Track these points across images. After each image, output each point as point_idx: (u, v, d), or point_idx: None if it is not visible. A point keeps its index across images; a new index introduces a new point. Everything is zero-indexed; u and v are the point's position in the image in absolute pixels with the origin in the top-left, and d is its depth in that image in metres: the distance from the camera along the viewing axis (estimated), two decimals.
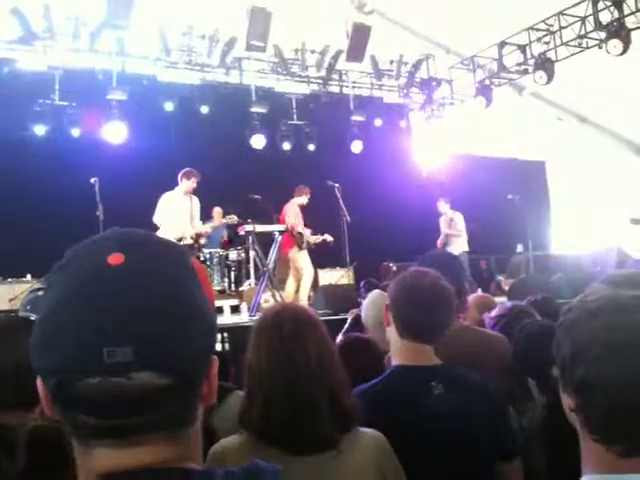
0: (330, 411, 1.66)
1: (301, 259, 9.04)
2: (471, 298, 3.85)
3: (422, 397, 1.95)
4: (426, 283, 2.07)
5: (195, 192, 8.22)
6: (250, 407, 1.70)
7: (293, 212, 9.05)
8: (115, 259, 0.74)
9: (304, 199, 9.19)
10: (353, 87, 12.96)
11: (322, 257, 9.75)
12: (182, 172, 8.08)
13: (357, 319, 3.94)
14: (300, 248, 9.02)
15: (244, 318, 6.99)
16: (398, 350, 2.11)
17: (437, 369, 2.05)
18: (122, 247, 0.76)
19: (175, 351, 0.73)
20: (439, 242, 10.87)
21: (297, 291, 9.26)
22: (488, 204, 11.51)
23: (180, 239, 8.02)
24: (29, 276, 8.47)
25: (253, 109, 11.44)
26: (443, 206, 10.93)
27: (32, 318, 2.29)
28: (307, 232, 9.09)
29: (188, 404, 0.78)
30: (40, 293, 2.91)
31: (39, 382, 0.76)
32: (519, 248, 11.71)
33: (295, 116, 12.22)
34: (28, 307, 3.02)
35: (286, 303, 1.75)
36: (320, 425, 1.64)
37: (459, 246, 10.70)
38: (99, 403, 0.71)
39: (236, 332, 5.39)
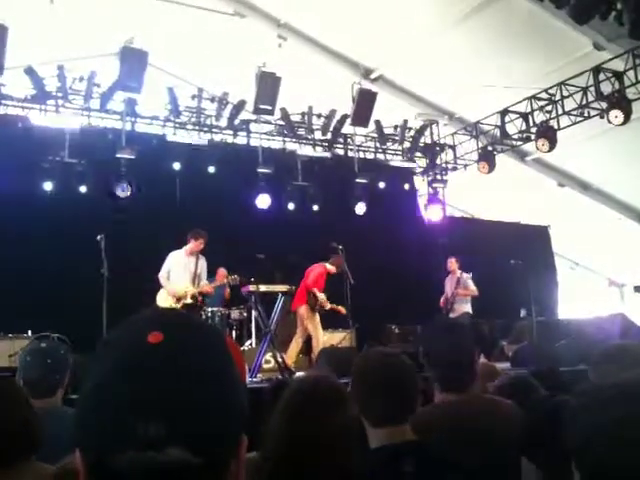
0: None
1: (314, 321, 9.14)
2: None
3: (392, 477, 1.90)
4: (379, 367, 2.07)
5: (203, 252, 8.33)
6: (264, 464, 1.71)
7: (315, 275, 9.21)
8: (155, 337, 0.78)
9: (333, 269, 9.33)
10: (358, 150, 13.17)
11: (324, 319, 9.71)
12: (191, 232, 8.26)
13: None
14: (312, 310, 9.09)
15: (245, 380, 6.90)
16: (372, 434, 2.06)
17: (409, 446, 1.98)
18: (162, 326, 0.80)
19: (208, 430, 0.75)
20: (443, 302, 10.79)
21: (301, 352, 9.26)
22: (491, 268, 11.50)
23: (180, 298, 8.11)
24: (30, 332, 8.41)
25: (259, 170, 11.61)
26: (454, 264, 10.85)
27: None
28: (322, 296, 9.18)
29: None
30: (42, 345, 2.93)
31: (77, 455, 0.78)
32: (522, 313, 11.64)
33: (300, 177, 12.37)
34: (27, 358, 3.00)
35: (322, 376, 1.76)
36: None
37: (463, 307, 10.68)
38: (133, 476, 0.72)
39: None
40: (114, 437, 0.72)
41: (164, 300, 8.11)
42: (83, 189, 10.30)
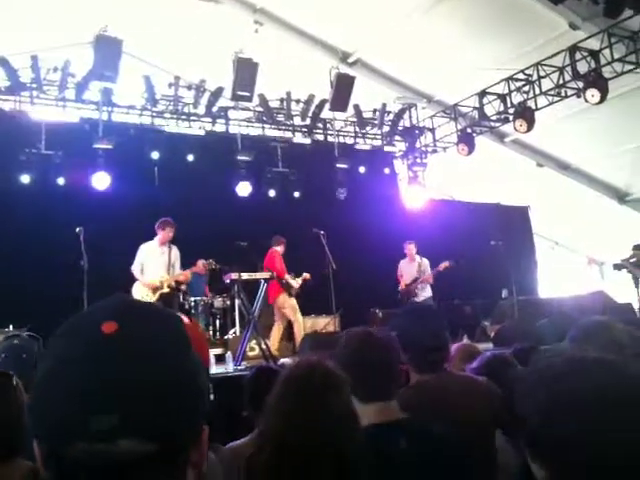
0: (336, 475, 1.66)
1: (292, 306, 9.19)
2: (455, 347, 3.84)
3: (387, 455, 1.93)
4: (362, 346, 2.12)
5: (174, 241, 8.31)
6: (260, 452, 1.71)
7: (279, 262, 9.24)
8: (109, 327, 0.76)
9: (282, 248, 9.46)
10: (337, 135, 13.15)
11: (308, 304, 9.74)
12: (158, 222, 8.28)
13: None
14: (290, 295, 9.12)
15: (229, 368, 6.90)
16: (361, 411, 2.07)
17: (401, 423, 2.04)
18: (117, 316, 0.78)
19: (162, 419, 0.74)
20: (405, 287, 10.66)
21: (282, 339, 9.30)
22: (472, 249, 11.56)
23: (157, 288, 8.09)
24: (11, 327, 8.33)
25: (239, 157, 11.55)
26: (412, 250, 10.78)
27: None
28: (293, 281, 9.29)
29: (175, 471, 0.78)
30: (15, 341, 2.92)
31: (35, 444, 0.77)
32: (504, 293, 11.72)
33: (280, 164, 12.33)
34: (3, 355, 2.99)
35: (317, 360, 1.76)
36: None
37: (425, 292, 10.64)
38: (85, 468, 0.72)
39: (221, 383, 5.32)
40: (66, 429, 0.72)
41: (139, 292, 8.07)
42: (61, 181, 10.20)
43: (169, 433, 0.75)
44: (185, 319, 1.02)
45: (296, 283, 9.35)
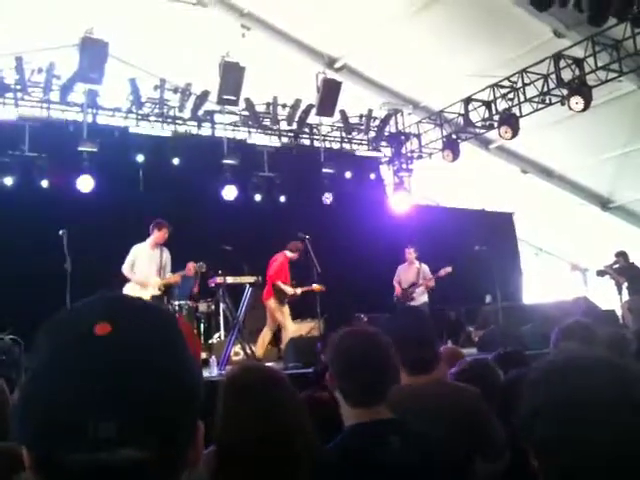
0: (307, 469, 1.63)
1: (283, 313, 9.16)
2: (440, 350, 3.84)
3: (379, 452, 1.90)
4: (359, 347, 2.06)
5: (166, 243, 8.23)
6: (225, 467, 1.66)
7: (277, 266, 9.18)
8: (102, 328, 0.73)
9: (293, 255, 9.30)
10: (324, 140, 13.16)
11: (293, 309, 9.72)
12: (153, 223, 8.13)
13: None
14: (280, 302, 9.07)
15: (214, 372, 6.88)
16: (349, 413, 2.06)
17: (392, 423, 2.01)
18: (109, 315, 0.75)
19: (160, 425, 0.71)
20: (400, 292, 10.61)
21: (270, 343, 9.27)
22: (456, 255, 11.60)
23: (149, 290, 8.01)
24: None
25: (225, 161, 11.52)
26: (412, 254, 10.78)
27: None
28: (288, 288, 9.16)
29: (174, 472, 0.76)
30: None
31: (24, 449, 0.74)
32: (488, 299, 11.78)
33: (267, 168, 12.32)
34: None
35: (252, 362, 1.73)
36: None
37: (422, 297, 10.62)
38: (82, 477, 0.69)
39: (205, 387, 5.28)
40: (62, 437, 0.69)
41: (132, 293, 8.00)
42: (45, 183, 10.11)
43: (169, 438, 0.72)
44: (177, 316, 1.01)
45: (291, 291, 9.21)
